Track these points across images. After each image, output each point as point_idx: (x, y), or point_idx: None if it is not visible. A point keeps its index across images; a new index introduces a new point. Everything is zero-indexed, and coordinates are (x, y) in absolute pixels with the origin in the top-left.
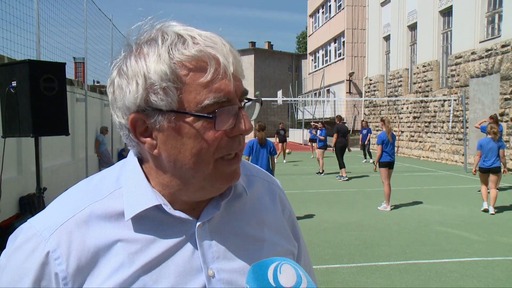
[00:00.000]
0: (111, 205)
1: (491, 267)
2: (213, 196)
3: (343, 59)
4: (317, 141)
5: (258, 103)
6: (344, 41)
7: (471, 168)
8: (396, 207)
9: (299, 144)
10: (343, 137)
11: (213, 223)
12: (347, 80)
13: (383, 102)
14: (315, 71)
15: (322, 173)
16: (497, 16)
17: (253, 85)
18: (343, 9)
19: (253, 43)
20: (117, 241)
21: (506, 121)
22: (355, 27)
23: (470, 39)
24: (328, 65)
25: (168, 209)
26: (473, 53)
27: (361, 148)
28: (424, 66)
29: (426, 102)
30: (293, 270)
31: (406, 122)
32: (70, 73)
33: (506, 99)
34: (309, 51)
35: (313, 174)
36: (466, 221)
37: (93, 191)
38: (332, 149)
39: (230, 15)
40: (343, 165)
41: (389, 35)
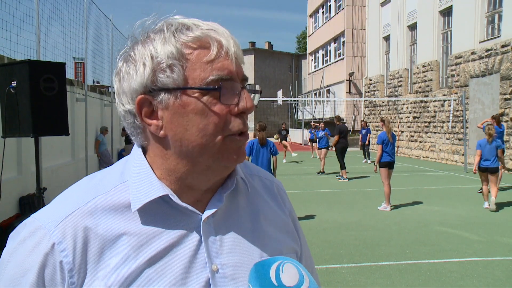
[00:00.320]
0: (116, 198)
1: (491, 267)
2: (219, 178)
3: (343, 59)
4: (317, 141)
5: (257, 94)
6: (344, 41)
7: (471, 168)
8: (396, 207)
9: (299, 144)
10: (344, 138)
11: (218, 218)
12: (347, 80)
13: (383, 102)
14: (315, 71)
15: (323, 172)
16: (497, 16)
17: None
18: (343, 9)
19: (253, 43)
20: (123, 234)
21: (506, 121)
22: (355, 27)
23: (470, 39)
24: (328, 65)
25: (175, 199)
26: (473, 53)
27: (361, 148)
28: (424, 66)
29: (426, 102)
30: (295, 270)
31: (406, 122)
32: (70, 73)
33: (506, 99)
34: (309, 51)
35: (313, 174)
36: (466, 221)
37: (97, 186)
38: (331, 148)
39: (230, 15)
40: (343, 166)
41: (389, 35)
